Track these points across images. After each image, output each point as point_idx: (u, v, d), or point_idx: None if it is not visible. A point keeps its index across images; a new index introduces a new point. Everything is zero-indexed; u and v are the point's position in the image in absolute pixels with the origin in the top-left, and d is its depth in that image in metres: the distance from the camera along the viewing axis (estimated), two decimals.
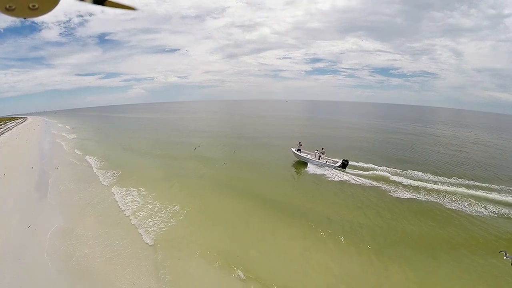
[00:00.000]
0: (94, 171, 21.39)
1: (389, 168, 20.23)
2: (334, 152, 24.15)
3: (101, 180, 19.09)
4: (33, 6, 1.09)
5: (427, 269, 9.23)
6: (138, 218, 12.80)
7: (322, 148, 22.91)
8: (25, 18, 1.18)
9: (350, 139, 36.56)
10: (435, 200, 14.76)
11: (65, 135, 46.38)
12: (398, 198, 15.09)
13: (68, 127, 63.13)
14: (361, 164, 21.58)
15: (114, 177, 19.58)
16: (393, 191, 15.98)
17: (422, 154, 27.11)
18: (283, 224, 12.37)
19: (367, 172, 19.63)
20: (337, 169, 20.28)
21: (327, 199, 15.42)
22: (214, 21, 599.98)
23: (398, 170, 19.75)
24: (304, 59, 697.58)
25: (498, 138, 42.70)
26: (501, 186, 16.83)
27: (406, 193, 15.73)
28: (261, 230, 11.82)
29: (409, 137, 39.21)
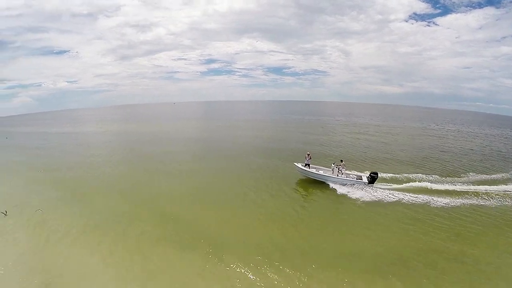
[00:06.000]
0: None
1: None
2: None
3: None
4: None
5: None
6: None
7: (342, 161, 18.13)
8: None
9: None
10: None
11: None
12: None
13: None
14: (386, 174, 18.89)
15: None
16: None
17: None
18: None
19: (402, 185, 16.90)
20: (364, 186, 16.56)
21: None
22: (107, 20, 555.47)
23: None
24: (200, 60, 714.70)
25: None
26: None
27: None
28: None
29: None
